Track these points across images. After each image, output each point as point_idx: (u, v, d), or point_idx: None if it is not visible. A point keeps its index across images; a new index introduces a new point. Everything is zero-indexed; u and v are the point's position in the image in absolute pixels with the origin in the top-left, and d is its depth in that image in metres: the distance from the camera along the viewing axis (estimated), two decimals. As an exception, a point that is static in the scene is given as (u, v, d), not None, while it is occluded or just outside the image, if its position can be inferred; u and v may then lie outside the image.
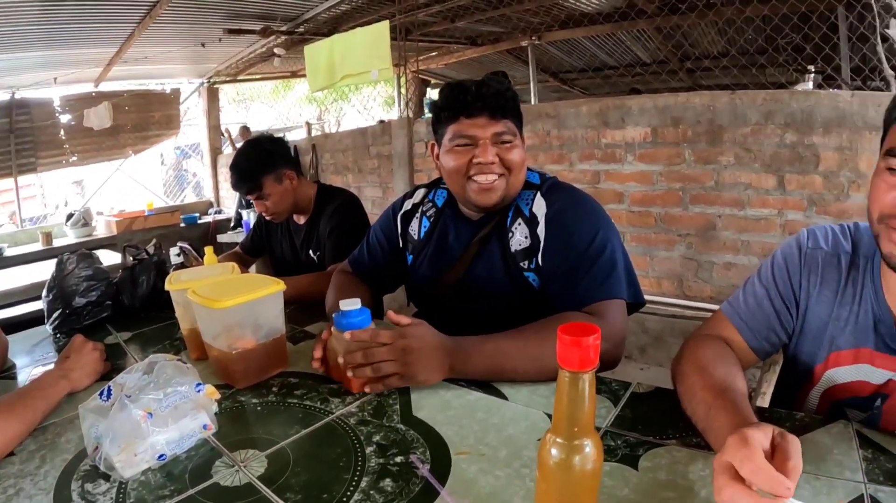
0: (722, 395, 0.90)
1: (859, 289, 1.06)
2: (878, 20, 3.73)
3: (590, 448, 0.63)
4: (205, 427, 0.99)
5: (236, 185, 2.27)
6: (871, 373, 1.05)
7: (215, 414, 1.04)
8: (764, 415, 1.02)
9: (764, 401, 1.22)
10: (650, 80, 6.50)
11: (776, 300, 1.13)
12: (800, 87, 5.82)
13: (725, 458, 0.68)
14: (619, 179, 3.94)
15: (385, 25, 4.65)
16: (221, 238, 6.48)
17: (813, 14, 4.13)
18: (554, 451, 0.63)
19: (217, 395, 1.08)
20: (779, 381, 1.24)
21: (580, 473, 0.63)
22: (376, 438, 0.98)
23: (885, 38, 3.75)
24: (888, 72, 3.62)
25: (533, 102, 6.11)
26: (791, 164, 3.37)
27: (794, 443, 0.69)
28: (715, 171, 3.59)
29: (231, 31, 5.57)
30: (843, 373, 1.09)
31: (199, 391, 1.00)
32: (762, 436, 0.69)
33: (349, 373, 1.12)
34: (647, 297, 1.42)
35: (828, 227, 1.13)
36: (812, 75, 5.87)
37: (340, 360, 1.14)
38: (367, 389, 1.13)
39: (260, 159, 2.23)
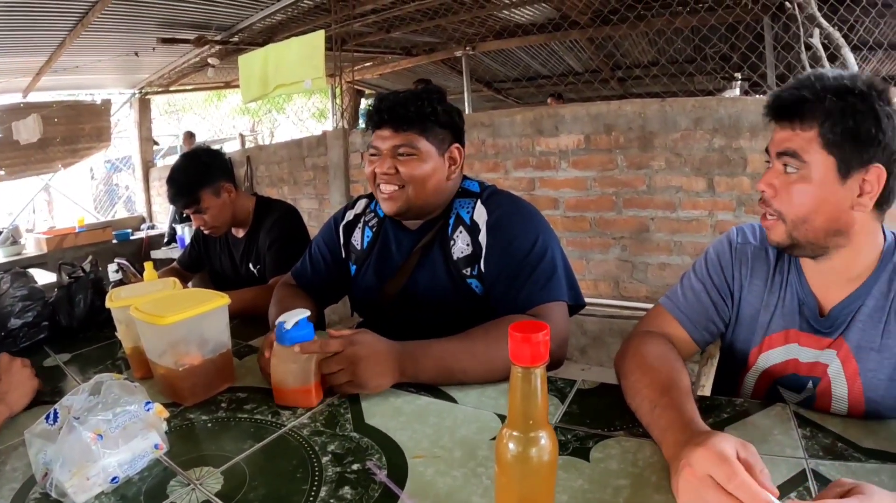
0: (667, 393, 0.95)
1: (786, 276, 1.17)
2: (801, 30, 3.91)
3: (545, 440, 0.65)
4: (156, 446, 0.97)
5: (173, 199, 2.21)
6: (799, 352, 1.15)
7: (166, 433, 1.01)
8: (705, 403, 1.07)
9: (704, 394, 1.27)
10: (582, 89, 6.65)
11: (713, 292, 1.22)
12: (727, 94, 6.06)
13: (706, 472, 0.71)
14: (554, 186, 4.01)
15: (320, 35, 4.63)
16: (155, 254, 6.24)
17: (740, 25, 4.31)
18: (511, 445, 0.65)
19: (166, 414, 1.04)
20: (719, 370, 1.31)
21: (538, 465, 0.65)
22: (331, 447, 0.98)
23: (808, 47, 3.92)
24: (811, 79, 3.82)
25: (467, 112, 6.14)
26: (720, 167, 3.53)
27: (753, 450, 0.74)
28: (647, 176, 3.72)
29: (165, 41, 5.48)
30: (775, 355, 1.19)
31: (148, 410, 0.98)
32: (731, 448, 0.73)
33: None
34: (585, 300, 1.46)
35: (755, 224, 1.24)
36: (739, 83, 6.13)
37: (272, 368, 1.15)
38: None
39: (197, 172, 2.18)
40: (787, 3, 4.03)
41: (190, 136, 7.36)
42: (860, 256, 1.07)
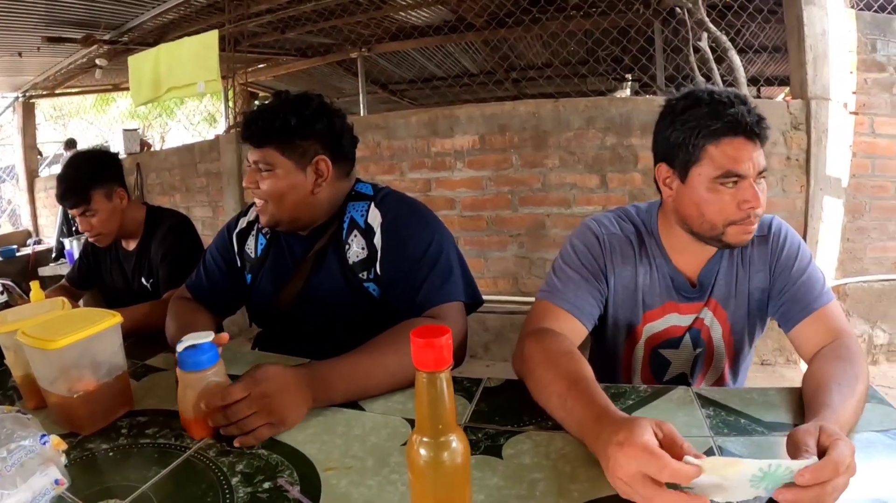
0: (575, 386, 0.97)
1: (652, 259, 1.34)
2: (690, 34, 4.09)
3: (456, 443, 0.65)
4: (56, 482, 0.89)
5: (62, 196, 2.09)
6: (678, 319, 1.37)
7: (66, 466, 0.94)
8: (610, 392, 1.11)
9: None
10: (477, 91, 6.73)
11: (590, 279, 1.31)
12: (619, 94, 6.31)
13: (637, 471, 0.73)
14: (450, 186, 4.06)
15: (213, 35, 4.53)
16: (43, 271, 5.84)
17: (631, 28, 4.44)
18: (423, 451, 0.65)
19: (64, 446, 0.97)
20: (602, 346, 1.46)
21: (451, 468, 0.65)
22: (240, 467, 0.94)
23: (696, 50, 4.11)
24: (699, 79, 4.01)
25: (363, 114, 6.14)
26: (612, 164, 3.69)
27: (668, 426, 0.78)
28: (542, 174, 3.83)
29: (50, 40, 5.23)
30: (657, 325, 1.38)
31: (44, 443, 0.91)
32: (651, 436, 0.76)
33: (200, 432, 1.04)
34: (485, 297, 1.48)
35: (609, 216, 1.40)
36: (630, 83, 6.38)
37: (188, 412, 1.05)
38: (236, 444, 1.00)
39: (91, 170, 2.08)
40: (676, 9, 4.21)
41: (71, 143, 6.97)
42: None
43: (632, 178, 3.67)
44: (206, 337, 1.05)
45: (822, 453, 0.74)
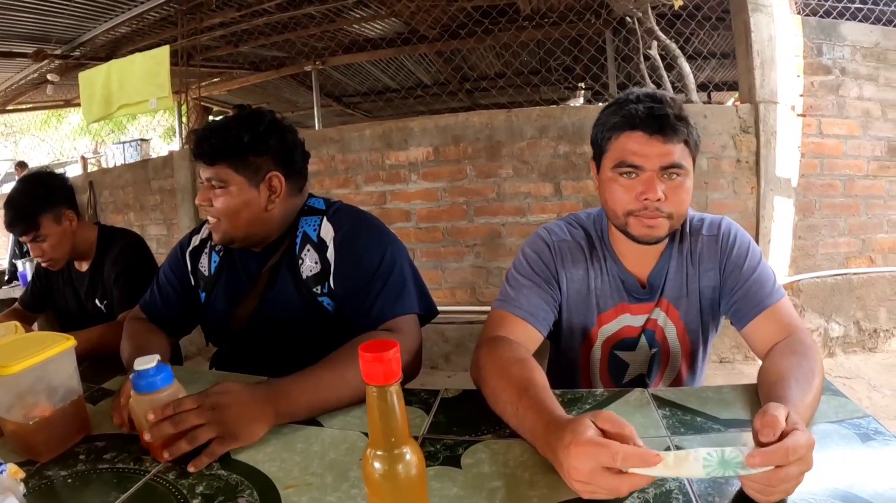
0: (525, 394, 0.99)
1: (603, 263, 1.38)
2: (641, 42, 4.20)
3: (410, 455, 0.66)
4: None
5: (10, 224, 2.06)
6: (631, 320, 1.39)
7: (24, 495, 0.92)
8: (567, 397, 1.13)
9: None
10: (431, 102, 6.75)
11: (543, 286, 1.34)
12: (571, 102, 6.40)
13: (592, 466, 0.75)
14: (405, 198, 4.06)
15: (165, 51, 4.49)
16: (-6, 295, 5.74)
17: (582, 38, 4.51)
18: (377, 464, 0.65)
19: (21, 474, 0.95)
20: (561, 352, 1.48)
21: (406, 480, 0.66)
22: (199, 489, 0.93)
23: (647, 58, 4.22)
24: (650, 86, 4.05)
25: (317, 127, 6.12)
26: (566, 172, 3.76)
27: (607, 414, 0.81)
28: (496, 184, 3.88)
29: (0, 54, 5.06)
30: (611, 327, 1.41)
31: (1, 472, 0.90)
32: (593, 430, 0.78)
33: (164, 453, 1.00)
34: (442, 308, 1.50)
35: (560, 223, 1.43)
36: (582, 92, 6.48)
37: (146, 434, 1.02)
38: (190, 468, 0.97)
39: (38, 196, 2.05)
40: (627, 18, 4.30)
41: (22, 165, 6.84)
42: None
43: (585, 186, 3.74)
44: (151, 359, 1.04)
45: (781, 439, 0.76)
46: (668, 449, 0.93)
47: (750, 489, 0.77)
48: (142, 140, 6.71)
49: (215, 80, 6.94)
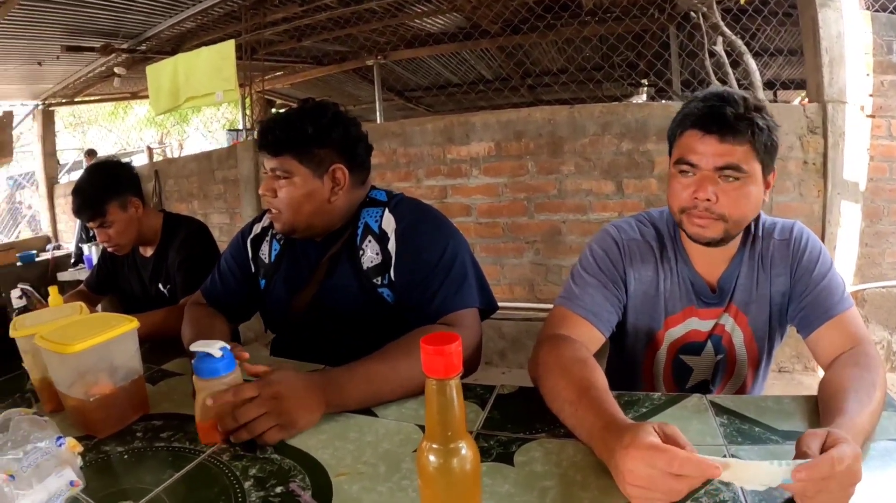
0: (586, 394, 0.97)
1: (673, 263, 1.33)
2: (706, 38, 4.08)
3: (465, 450, 0.65)
4: (72, 484, 0.91)
5: (78, 210, 2.13)
6: (699, 324, 1.35)
7: (81, 468, 0.96)
8: (624, 399, 1.10)
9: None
10: (493, 97, 6.73)
11: (608, 285, 1.30)
12: (634, 99, 6.29)
13: (648, 471, 0.73)
14: (466, 193, 4.06)
15: (230, 45, 4.56)
16: (62, 276, 5.92)
17: (646, 33, 4.45)
18: (432, 458, 0.65)
19: (80, 448, 0.99)
20: (623, 353, 1.44)
21: (460, 475, 0.65)
22: (252, 472, 0.95)
23: (712, 54, 4.10)
24: (715, 84, 3.96)
25: (379, 121, 6.16)
26: (628, 169, 3.67)
27: (671, 427, 0.79)
28: (557, 181, 3.82)
29: (70, 49, 5.27)
30: (678, 330, 1.37)
31: (60, 445, 0.93)
32: (655, 436, 0.77)
33: (218, 436, 1.04)
34: (501, 304, 1.48)
35: (630, 220, 1.39)
36: (645, 88, 6.36)
37: (198, 417, 1.06)
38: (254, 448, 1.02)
39: (105, 184, 2.10)
40: (691, 13, 4.20)
41: (91, 153, 7.07)
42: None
43: (648, 184, 3.66)
44: (214, 344, 1.05)
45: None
46: (723, 456, 0.89)
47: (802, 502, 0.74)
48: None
49: (278, 73, 7.03)
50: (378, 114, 6.34)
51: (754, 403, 1.08)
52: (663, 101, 5.19)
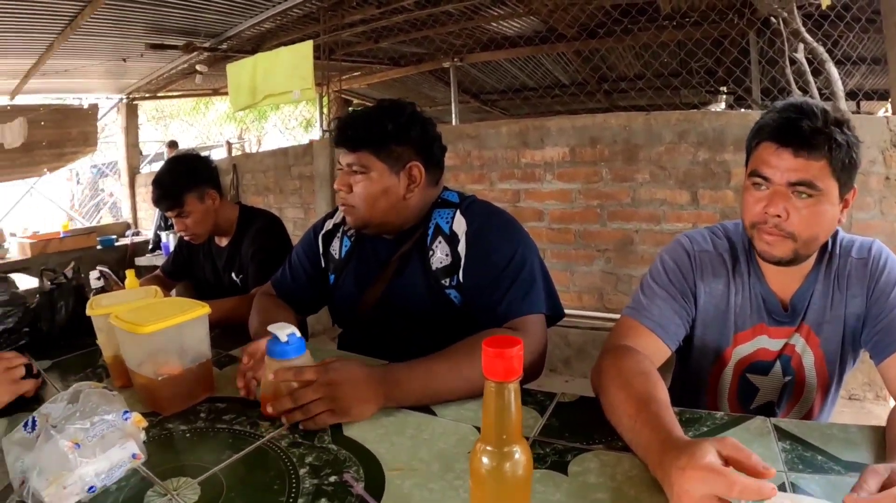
0: (645, 408, 0.95)
1: (746, 278, 1.29)
2: (786, 45, 3.94)
3: (519, 454, 0.65)
4: (134, 456, 0.95)
5: (157, 200, 2.22)
6: (768, 343, 1.30)
7: (144, 442, 1.00)
8: (685, 416, 1.08)
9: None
10: (569, 102, 6.66)
11: (677, 298, 1.28)
12: (712, 107, 6.12)
13: (705, 492, 0.72)
14: (539, 198, 4.04)
15: (308, 45, 4.64)
16: (139, 261, 6.17)
17: (725, 39, 4.33)
18: (485, 460, 0.65)
19: (144, 423, 1.03)
20: (688, 369, 1.41)
21: (511, 479, 0.65)
22: (309, 460, 0.97)
23: (793, 62, 3.96)
24: (796, 93, 3.82)
25: (454, 123, 6.16)
26: (704, 180, 3.58)
27: (731, 442, 0.77)
28: (631, 189, 3.76)
29: (153, 47, 5.44)
30: (746, 348, 1.32)
31: (126, 419, 0.97)
32: (714, 456, 0.75)
33: (283, 419, 1.09)
34: (568, 311, 1.46)
35: (703, 232, 1.35)
36: (724, 96, 6.18)
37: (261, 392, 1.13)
38: (301, 427, 1.07)
39: (184, 175, 2.19)
40: (771, 19, 4.07)
41: (172, 145, 7.33)
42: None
43: (724, 196, 3.55)
44: (285, 329, 1.12)
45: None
46: (782, 487, 0.86)
47: None
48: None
49: (356, 73, 7.11)
50: (453, 115, 6.35)
51: (819, 430, 1.03)
52: (742, 110, 5.04)
